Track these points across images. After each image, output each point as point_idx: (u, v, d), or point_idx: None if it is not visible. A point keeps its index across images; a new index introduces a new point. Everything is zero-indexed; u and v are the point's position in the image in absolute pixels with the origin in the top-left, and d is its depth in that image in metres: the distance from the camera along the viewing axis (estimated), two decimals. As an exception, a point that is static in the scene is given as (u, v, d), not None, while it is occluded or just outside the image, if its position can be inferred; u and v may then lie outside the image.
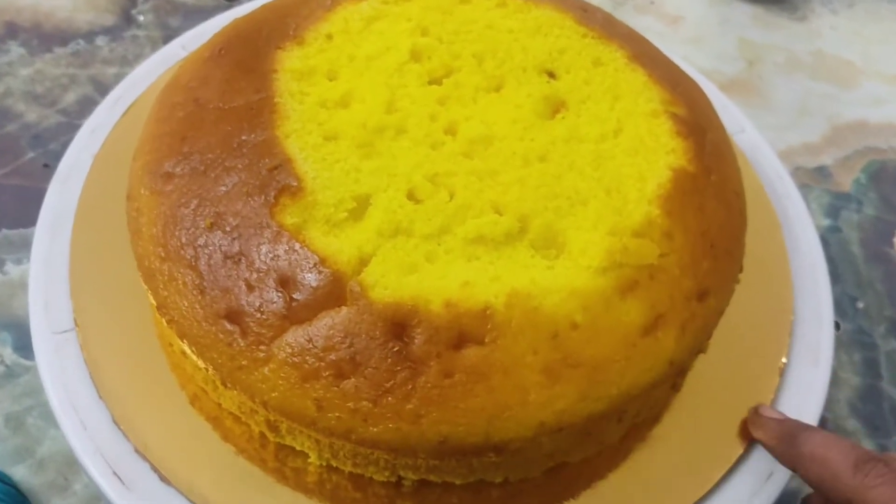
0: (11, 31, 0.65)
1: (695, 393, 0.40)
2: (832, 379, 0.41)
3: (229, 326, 0.31)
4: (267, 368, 0.31)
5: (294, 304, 0.31)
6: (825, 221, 0.62)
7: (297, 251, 0.31)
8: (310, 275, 0.31)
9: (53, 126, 0.60)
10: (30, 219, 0.54)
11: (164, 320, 0.33)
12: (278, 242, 0.32)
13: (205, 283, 0.32)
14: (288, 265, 0.31)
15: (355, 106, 0.37)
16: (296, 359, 0.30)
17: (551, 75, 0.39)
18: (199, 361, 0.33)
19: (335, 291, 0.31)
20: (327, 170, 0.34)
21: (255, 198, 0.33)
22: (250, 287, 0.31)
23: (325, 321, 0.30)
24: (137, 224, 0.35)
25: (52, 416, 0.37)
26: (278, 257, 0.31)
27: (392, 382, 0.30)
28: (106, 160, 0.44)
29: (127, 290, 0.39)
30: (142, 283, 0.35)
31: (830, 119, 0.68)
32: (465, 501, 0.36)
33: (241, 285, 0.31)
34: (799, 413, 0.39)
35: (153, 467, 0.35)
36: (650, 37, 0.44)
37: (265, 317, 0.31)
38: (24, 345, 0.49)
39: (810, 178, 0.64)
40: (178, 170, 0.34)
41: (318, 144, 0.35)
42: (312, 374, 0.30)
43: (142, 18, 0.68)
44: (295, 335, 0.30)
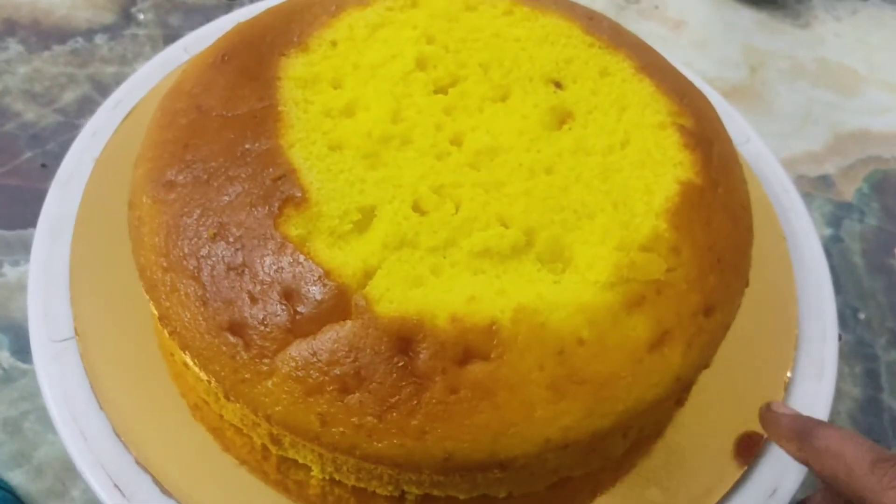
0: (10, 27, 0.64)
1: (699, 407, 0.40)
2: (832, 391, 0.41)
3: (232, 339, 0.31)
4: (270, 382, 0.30)
5: (298, 317, 0.30)
6: (827, 231, 0.61)
7: (301, 263, 0.31)
8: (314, 287, 0.31)
9: (51, 126, 0.59)
10: (27, 219, 0.53)
11: (165, 331, 0.33)
12: (282, 254, 0.31)
13: (207, 295, 0.31)
14: (292, 277, 0.31)
15: (360, 115, 0.36)
16: (299, 373, 0.30)
17: (558, 85, 0.39)
18: (201, 374, 0.32)
19: (340, 305, 0.30)
20: (332, 180, 0.33)
21: (258, 208, 0.32)
22: (254, 299, 0.31)
23: (330, 335, 0.30)
24: (139, 233, 0.34)
25: (50, 420, 0.37)
26: (282, 269, 0.31)
27: (397, 398, 0.29)
28: (107, 165, 0.44)
29: (128, 299, 0.39)
30: (143, 292, 0.34)
31: (833, 127, 0.68)
32: (468, 515, 0.35)
33: (245, 297, 0.31)
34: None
35: (154, 479, 0.35)
36: (653, 41, 0.44)
37: (269, 329, 0.31)
38: (21, 348, 0.49)
39: (812, 187, 0.64)
40: (180, 178, 0.34)
41: (323, 154, 0.34)
42: (316, 388, 0.30)
43: (141, 17, 0.67)
44: (299, 349, 0.30)
